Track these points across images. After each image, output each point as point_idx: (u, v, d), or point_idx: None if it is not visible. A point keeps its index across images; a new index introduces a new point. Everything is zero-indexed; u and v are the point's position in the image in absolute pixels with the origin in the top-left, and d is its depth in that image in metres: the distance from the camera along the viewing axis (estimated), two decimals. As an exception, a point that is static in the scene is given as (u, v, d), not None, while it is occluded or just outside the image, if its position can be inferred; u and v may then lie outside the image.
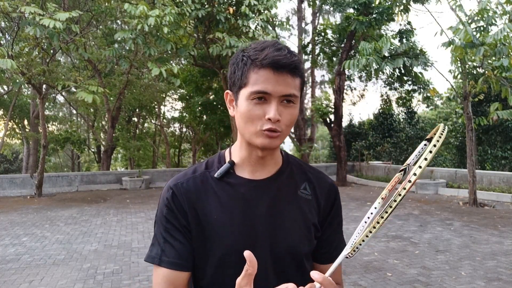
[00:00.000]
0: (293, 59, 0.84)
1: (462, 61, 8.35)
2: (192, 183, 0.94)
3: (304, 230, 0.94)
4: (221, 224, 0.90)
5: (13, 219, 7.92)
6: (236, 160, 0.95)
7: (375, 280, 4.28)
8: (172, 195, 0.93)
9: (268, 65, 0.83)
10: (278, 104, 0.84)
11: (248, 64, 0.85)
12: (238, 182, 0.93)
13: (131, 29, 8.95)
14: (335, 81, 14.06)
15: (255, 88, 0.83)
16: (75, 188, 12.63)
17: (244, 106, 0.85)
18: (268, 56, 0.83)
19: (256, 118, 0.84)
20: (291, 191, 0.96)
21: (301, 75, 0.88)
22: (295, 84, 0.86)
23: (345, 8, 12.51)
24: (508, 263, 4.82)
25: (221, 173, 0.93)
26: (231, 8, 10.12)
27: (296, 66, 0.85)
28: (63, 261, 5.10)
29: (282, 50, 0.85)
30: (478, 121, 9.11)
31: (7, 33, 12.04)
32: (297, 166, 1.01)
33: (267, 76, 0.83)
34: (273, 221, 0.91)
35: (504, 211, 8.34)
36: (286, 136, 0.89)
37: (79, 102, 14.03)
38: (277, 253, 0.91)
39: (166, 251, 0.90)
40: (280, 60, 0.83)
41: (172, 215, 0.92)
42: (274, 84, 0.83)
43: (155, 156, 23.13)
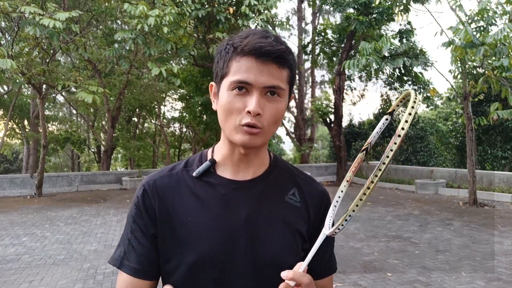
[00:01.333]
0: (278, 47, 0.75)
1: (462, 61, 8.35)
2: (167, 180, 0.86)
3: (289, 240, 0.84)
4: (196, 227, 0.81)
5: (13, 219, 7.92)
6: (218, 159, 0.87)
7: (375, 280, 4.28)
8: (142, 193, 0.85)
9: (250, 53, 0.75)
10: (260, 96, 0.75)
11: (230, 52, 0.78)
12: (219, 182, 0.84)
13: (131, 29, 8.95)
14: (335, 81, 14.07)
15: (235, 78, 0.76)
16: (75, 188, 12.63)
17: (225, 97, 0.78)
18: (250, 43, 0.75)
19: (236, 111, 0.76)
20: (277, 196, 0.86)
21: (290, 66, 0.79)
22: (281, 76, 0.77)
23: (345, 8, 12.51)
24: (508, 263, 4.82)
25: (200, 171, 0.85)
26: (231, 8, 10.12)
27: (281, 55, 0.76)
28: (63, 261, 5.10)
29: (268, 38, 0.76)
30: (478, 121, 9.11)
31: (7, 33, 12.04)
32: (286, 170, 0.92)
33: (249, 64, 0.75)
34: (255, 227, 0.82)
35: (504, 211, 8.34)
36: (270, 134, 0.81)
37: (79, 102, 14.02)
38: (257, 263, 0.81)
39: (128, 254, 0.84)
40: (263, 47, 0.74)
41: (139, 215, 0.84)
42: (256, 73, 0.75)
43: (155, 156, 23.12)
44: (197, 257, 0.79)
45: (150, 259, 0.83)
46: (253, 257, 0.81)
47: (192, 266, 0.80)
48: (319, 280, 0.91)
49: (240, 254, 0.80)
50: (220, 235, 0.81)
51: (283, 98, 0.79)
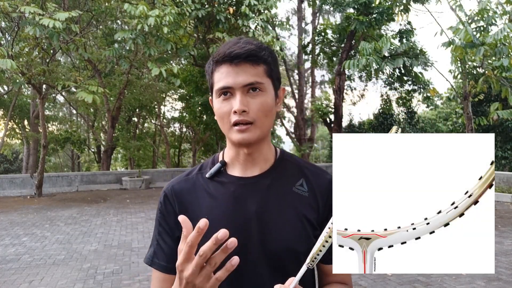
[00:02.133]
0: (247, 48, 0.83)
1: (462, 61, 8.35)
2: (184, 185, 0.96)
3: (299, 227, 0.90)
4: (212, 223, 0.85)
5: (13, 219, 7.92)
6: (227, 160, 0.95)
7: (375, 280, 4.29)
8: (164, 198, 0.96)
9: (224, 60, 0.83)
10: (243, 95, 0.83)
11: (211, 66, 0.88)
12: (229, 180, 0.92)
13: (131, 29, 8.95)
14: (335, 81, 14.08)
15: (218, 86, 0.84)
16: (75, 188, 12.63)
17: (215, 105, 0.87)
18: (221, 52, 0.84)
19: (226, 114, 0.84)
20: (284, 188, 0.92)
21: (265, 61, 0.86)
22: (257, 72, 0.84)
23: (345, 8, 12.52)
24: (508, 263, 4.82)
25: (212, 173, 0.94)
26: (231, 8, 10.13)
27: (251, 54, 0.83)
28: (63, 261, 5.10)
29: (238, 43, 0.84)
30: (478, 121, 9.11)
31: (7, 33, 12.04)
32: (293, 162, 0.98)
33: (227, 71, 0.83)
34: (265, 219, 0.89)
35: (504, 211, 8.34)
36: (265, 127, 0.87)
37: (79, 102, 14.02)
38: (271, 252, 0.88)
39: (157, 253, 0.93)
40: (233, 52, 0.82)
41: (163, 218, 0.94)
42: (234, 76, 0.83)
43: (155, 156, 23.12)
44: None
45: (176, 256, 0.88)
46: (265, 246, 0.87)
47: None
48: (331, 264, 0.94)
49: (254, 244, 0.87)
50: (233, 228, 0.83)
51: (266, 91, 0.85)
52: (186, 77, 16.12)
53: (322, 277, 0.99)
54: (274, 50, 10.51)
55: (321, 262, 0.96)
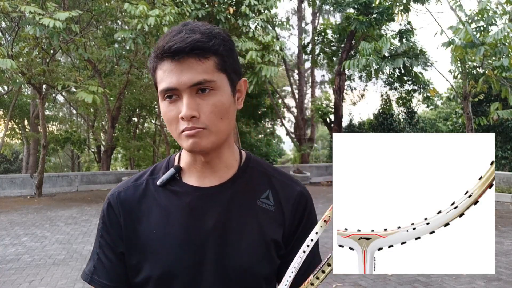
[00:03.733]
0: (191, 39, 0.68)
1: (462, 61, 8.36)
2: (132, 191, 0.82)
3: (262, 248, 0.78)
4: (162, 240, 0.77)
5: (13, 219, 7.92)
6: (183, 165, 0.82)
7: (375, 280, 4.29)
8: (107, 207, 0.82)
9: (164, 56, 0.69)
10: (191, 98, 0.69)
11: (152, 61, 0.73)
12: (184, 190, 0.79)
13: (131, 29, 8.95)
14: (335, 81, 14.08)
15: (161, 87, 0.71)
16: (75, 188, 12.63)
17: (162, 108, 0.74)
18: (161, 45, 0.69)
19: (173, 120, 0.72)
20: (247, 201, 0.80)
21: (214, 52, 0.70)
22: (205, 67, 0.69)
23: (345, 8, 12.53)
24: (508, 263, 4.82)
25: (164, 180, 0.80)
26: (231, 8, 10.13)
27: (195, 46, 0.68)
28: (63, 261, 5.10)
29: (181, 32, 0.69)
30: (478, 121, 9.12)
31: (7, 33, 12.04)
32: (259, 170, 0.85)
33: (169, 68, 0.69)
34: (224, 236, 0.77)
35: (504, 211, 8.34)
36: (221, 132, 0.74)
37: (79, 102, 14.01)
38: (227, 274, 0.77)
39: (98, 269, 0.82)
40: (173, 46, 0.67)
41: (106, 229, 0.82)
42: (178, 75, 0.68)
43: (155, 156, 23.11)
44: (164, 270, 0.76)
45: (119, 274, 0.81)
46: (222, 267, 0.77)
47: (160, 279, 0.77)
48: None
49: (209, 264, 0.77)
50: (186, 247, 0.77)
51: (218, 89, 0.71)
52: (186, 77, 16.09)
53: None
54: (274, 50, 10.55)
55: None
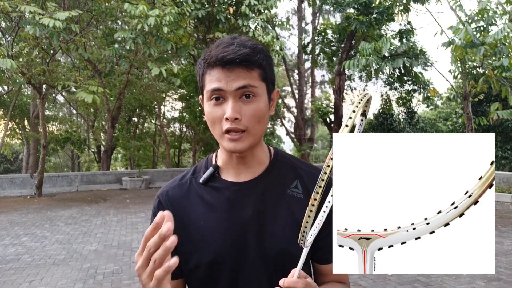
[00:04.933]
0: (240, 52, 0.79)
1: (462, 61, 8.36)
2: (178, 190, 0.94)
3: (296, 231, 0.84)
4: (208, 230, 0.88)
5: (13, 219, 7.92)
6: (220, 164, 0.93)
7: (375, 280, 4.29)
8: (158, 204, 0.94)
9: (215, 64, 0.80)
10: (235, 101, 0.80)
11: (202, 67, 0.84)
12: (223, 185, 0.91)
13: (131, 29, 8.95)
14: (335, 81, 14.08)
15: (209, 87, 0.81)
16: (75, 188, 12.63)
17: (206, 109, 0.84)
18: (214, 55, 0.80)
19: (217, 119, 0.82)
20: (279, 191, 0.91)
21: (259, 65, 0.82)
22: (251, 76, 0.80)
23: (345, 8, 12.52)
24: (508, 263, 4.82)
25: (205, 178, 0.92)
26: (231, 8, 10.13)
27: (245, 59, 0.79)
28: (63, 261, 5.10)
29: (231, 46, 0.80)
30: (478, 121, 9.11)
31: (7, 33, 12.04)
32: (287, 163, 0.96)
33: (218, 74, 0.80)
34: (261, 223, 0.88)
35: (504, 211, 8.34)
36: (258, 134, 0.85)
37: (79, 102, 14.03)
38: (268, 256, 0.87)
39: None
40: (225, 56, 0.79)
41: None
42: (226, 80, 0.79)
43: (155, 156, 23.12)
44: (212, 256, 0.87)
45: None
46: (262, 250, 0.87)
47: (209, 264, 0.88)
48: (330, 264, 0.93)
49: (251, 249, 0.87)
50: (230, 235, 0.87)
51: (259, 97, 0.82)
52: (186, 77, 16.11)
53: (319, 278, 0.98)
54: (274, 50, 10.54)
55: (317, 262, 0.96)
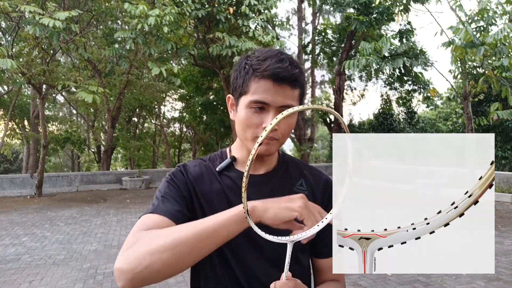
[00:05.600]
0: (293, 72, 0.86)
1: (462, 61, 8.35)
2: (198, 168, 1.00)
3: None
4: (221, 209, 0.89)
5: (13, 219, 7.92)
6: (237, 156, 1.00)
7: (375, 280, 4.28)
8: (178, 171, 0.98)
9: (269, 77, 0.85)
10: (276, 114, 0.85)
11: (249, 73, 0.88)
12: (238, 175, 0.97)
13: (131, 29, 8.95)
14: (335, 81, 14.08)
15: (254, 97, 0.86)
16: (75, 188, 12.63)
17: (244, 113, 0.89)
18: (269, 68, 0.85)
19: (254, 126, 0.88)
20: (286, 187, 0.99)
21: (301, 86, 0.90)
22: (294, 95, 0.88)
23: (345, 8, 12.52)
24: (508, 263, 4.82)
25: (222, 167, 0.98)
26: (231, 8, 10.12)
27: (296, 79, 0.87)
28: (63, 261, 5.10)
29: (283, 62, 0.86)
30: (478, 121, 9.11)
31: (7, 33, 12.04)
32: (293, 164, 1.05)
33: (267, 86, 0.85)
34: None
35: (504, 211, 8.34)
36: (284, 142, 0.93)
37: (79, 102, 14.03)
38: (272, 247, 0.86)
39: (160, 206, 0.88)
40: (280, 73, 0.85)
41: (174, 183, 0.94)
42: (273, 95, 0.85)
43: (155, 156, 23.12)
44: None
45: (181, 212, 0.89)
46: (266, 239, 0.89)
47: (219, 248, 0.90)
48: (328, 259, 0.98)
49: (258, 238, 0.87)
50: None
51: (294, 115, 0.87)
52: (186, 77, 16.12)
53: (317, 275, 1.03)
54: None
55: (316, 257, 1.01)
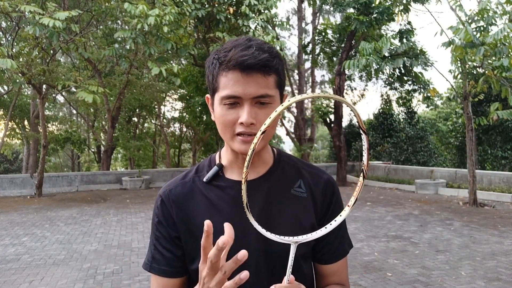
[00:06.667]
0: (261, 57, 0.78)
1: (462, 61, 8.35)
2: (181, 188, 0.93)
3: (299, 231, 0.86)
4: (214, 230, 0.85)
5: (13, 219, 7.92)
6: (225, 163, 0.93)
7: (375, 280, 4.28)
8: (161, 203, 0.93)
9: (234, 67, 0.78)
10: (251, 106, 0.79)
11: (217, 67, 0.82)
12: (227, 184, 0.91)
13: (131, 29, 8.95)
14: (335, 81, 14.06)
15: (224, 93, 0.80)
16: (75, 188, 12.63)
17: (218, 111, 0.83)
18: (233, 58, 0.78)
19: (230, 123, 0.81)
20: (283, 191, 0.92)
21: (276, 71, 0.82)
22: (268, 83, 0.80)
23: (345, 8, 12.51)
24: (508, 263, 4.82)
25: (209, 177, 0.91)
26: (231, 8, 10.12)
27: (265, 64, 0.78)
28: (63, 261, 5.10)
29: (250, 49, 0.79)
30: (478, 121, 9.10)
31: (7, 33, 12.04)
32: (290, 164, 0.97)
33: (236, 78, 0.78)
34: (266, 223, 0.85)
35: (504, 211, 8.34)
36: (269, 137, 0.85)
37: (79, 102, 14.03)
38: (271, 256, 0.88)
39: (156, 258, 0.92)
40: (246, 61, 0.77)
41: (161, 224, 0.92)
42: (244, 86, 0.78)
43: (155, 156, 23.12)
44: None
45: (177, 260, 0.91)
46: (265, 250, 0.87)
47: None
48: (331, 265, 0.97)
49: (255, 248, 0.86)
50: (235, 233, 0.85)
51: (274, 103, 0.82)
52: (186, 77, 16.12)
53: (320, 279, 0.99)
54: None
55: (317, 262, 0.97)
